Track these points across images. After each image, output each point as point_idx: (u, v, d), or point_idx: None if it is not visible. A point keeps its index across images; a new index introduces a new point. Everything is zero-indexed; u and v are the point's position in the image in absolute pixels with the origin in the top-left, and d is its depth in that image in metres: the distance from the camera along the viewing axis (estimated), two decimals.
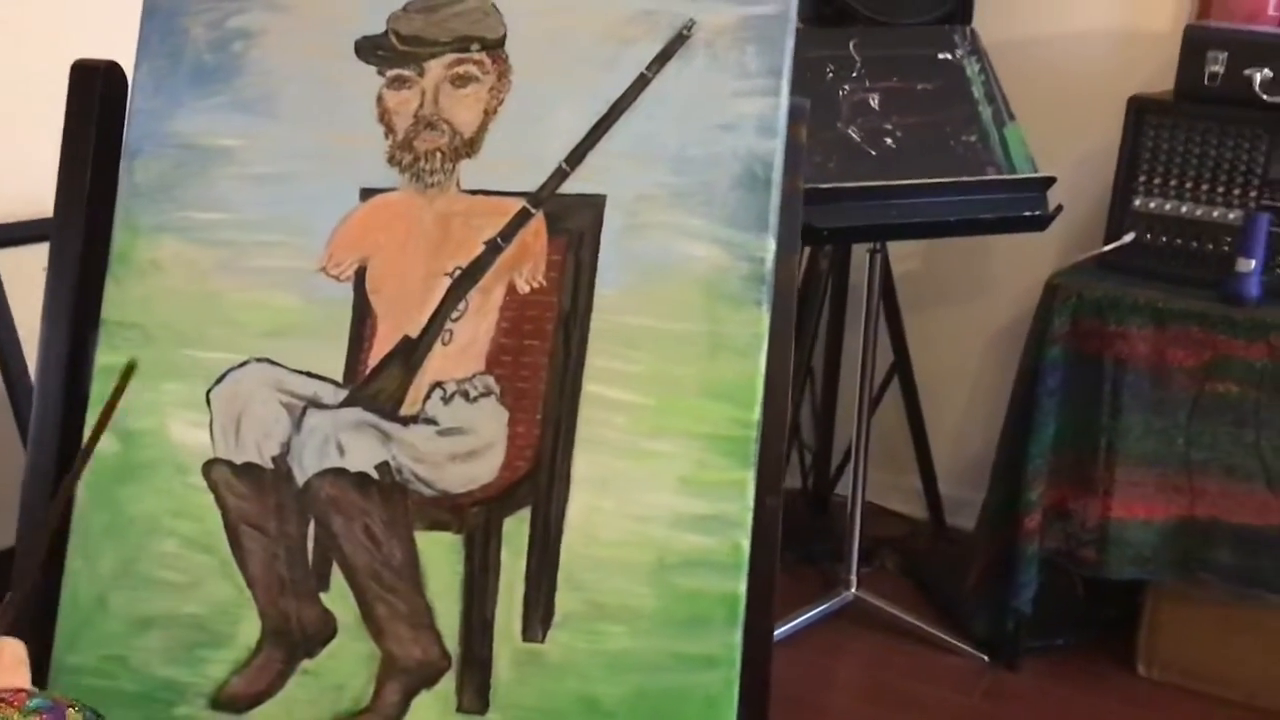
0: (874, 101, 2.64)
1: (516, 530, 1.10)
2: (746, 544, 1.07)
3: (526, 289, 1.12)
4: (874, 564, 2.98)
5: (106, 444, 1.15)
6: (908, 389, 3.07)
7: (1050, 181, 2.53)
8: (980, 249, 3.13)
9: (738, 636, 1.06)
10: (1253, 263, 2.41)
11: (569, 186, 1.13)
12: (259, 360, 1.14)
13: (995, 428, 2.87)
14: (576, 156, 1.12)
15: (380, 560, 1.11)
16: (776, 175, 1.10)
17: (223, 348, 1.15)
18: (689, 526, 1.08)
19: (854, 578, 2.76)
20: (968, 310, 3.18)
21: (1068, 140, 2.82)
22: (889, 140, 2.61)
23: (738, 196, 1.10)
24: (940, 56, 2.69)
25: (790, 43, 1.12)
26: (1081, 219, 2.81)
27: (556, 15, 1.14)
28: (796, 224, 1.12)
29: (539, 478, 1.10)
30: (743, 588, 1.07)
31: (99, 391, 1.15)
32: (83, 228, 1.18)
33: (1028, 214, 2.55)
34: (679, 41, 1.12)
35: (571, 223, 1.12)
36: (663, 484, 1.08)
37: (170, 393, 1.15)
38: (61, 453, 1.18)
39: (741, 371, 1.09)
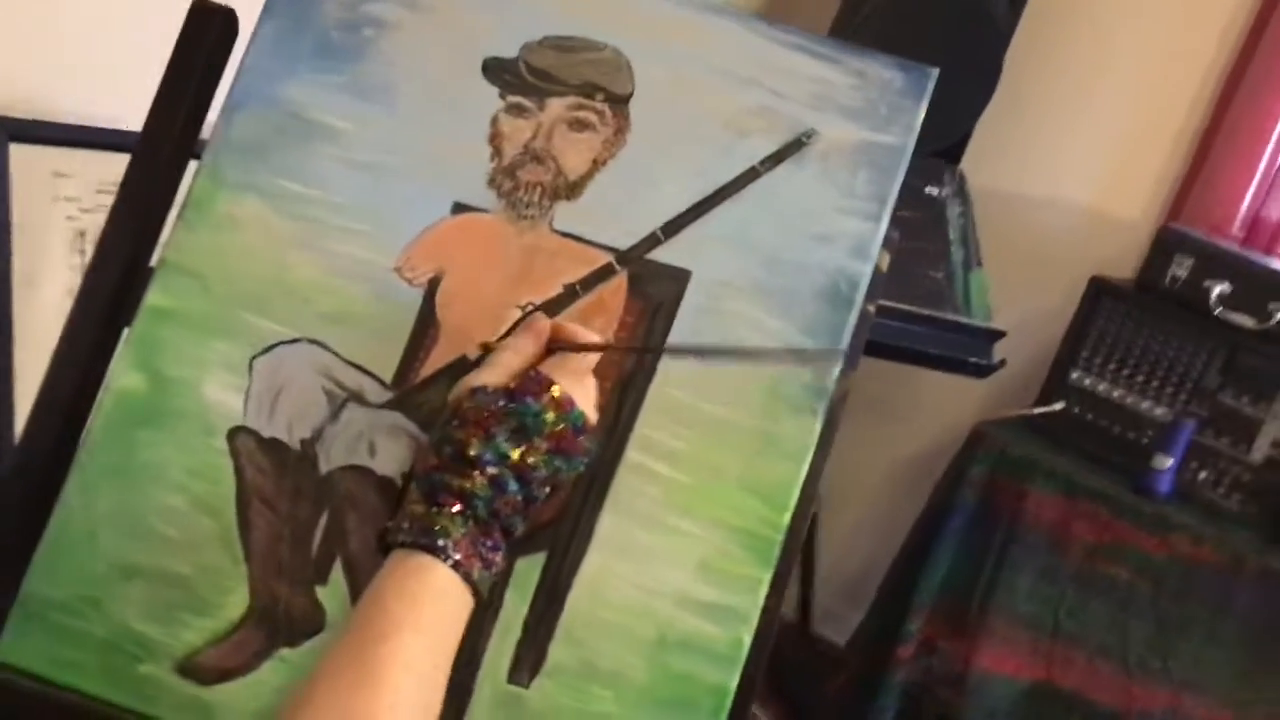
0: None
1: (527, 572, 1.11)
2: (749, 640, 1.09)
3: None
4: None
5: (134, 381, 1.13)
6: None
7: (1000, 335, 2.62)
8: (908, 376, 3.21)
9: None
10: (1170, 461, 2.53)
11: (658, 254, 1.14)
12: (312, 341, 1.14)
13: (879, 549, 2.95)
14: (673, 227, 1.14)
15: None
16: (859, 297, 1.14)
17: (279, 320, 1.14)
18: (696, 611, 1.10)
19: None
20: (882, 433, 3.26)
21: (1019, 293, 2.92)
22: None
23: (817, 308, 1.14)
24: (927, 190, 2.77)
25: (901, 176, 1.16)
26: (1013, 373, 2.90)
27: (685, 88, 1.17)
28: (861, 345, 1.16)
29: (562, 527, 1.11)
30: (734, 682, 1.09)
31: (141, 331, 1.13)
32: (161, 165, 1.17)
33: (973, 360, 2.63)
34: (796, 146, 1.15)
35: (653, 289, 1.14)
36: (681, 563, 1.10)
37: (215, 350, 1.13)
38: (80, 385, 1.15)
39: (783, 474, 1.11)
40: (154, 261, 1.16)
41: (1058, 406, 2.72)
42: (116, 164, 1.75)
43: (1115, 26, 2.97)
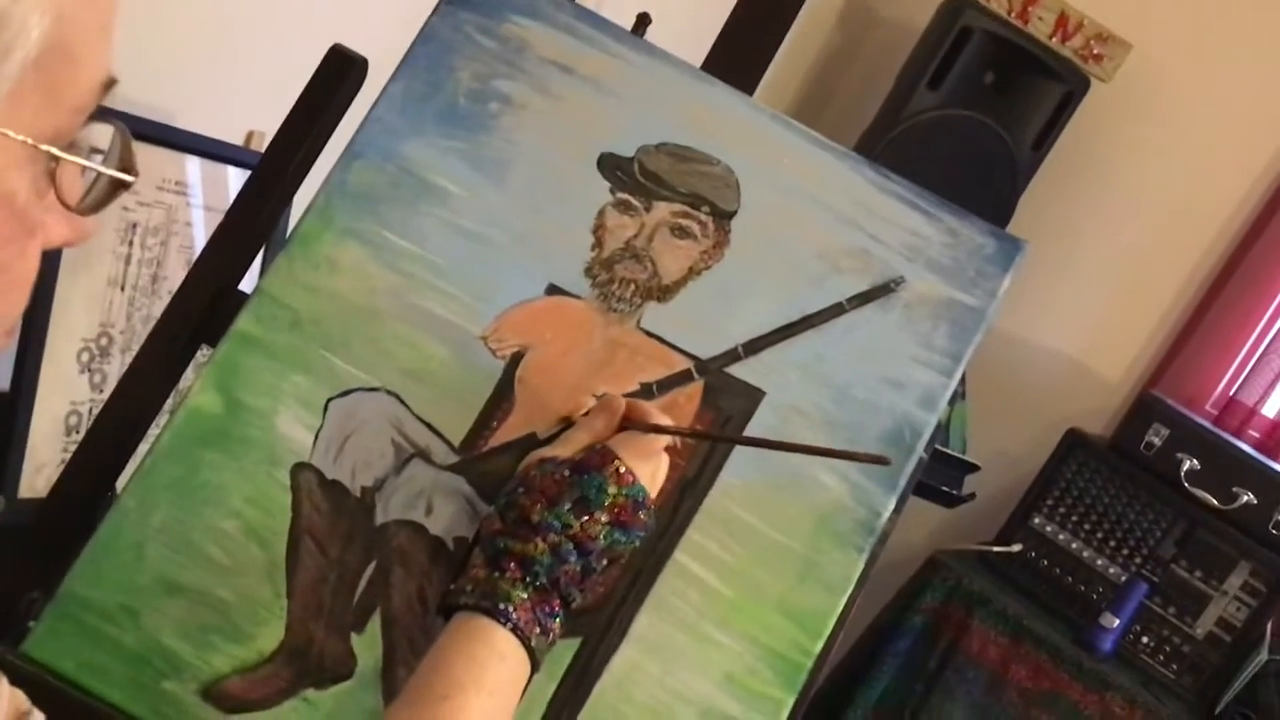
0: None
1: (559, 655, 1.13)
2: None
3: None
4: None
5: (210, 401, 1.15)
6: None
7: (974, 469, 2.67)
8: None
9: None
10: (1117, 621, 2.59)
11: (736, 370, 1.18)
12: (389, 393, 1.16)
13: None
14: (754, 347, 1.18)
15: (421, 627, 1.13)
16: (920, 445, 1.18)
17: (361, 366, 1.16)
18: None
19: None
20: None
21: (996, 431, 2.98)
22: None
23: (879, 449, 1.17)
24: None
25: (979, 337, 1.20)
26: (974, 506, 2.96)
27: (788, 216, 1.21)
28: (910, 490, 1.20)
29: (600, 616, 1.14)
30: None
31: (225, 354, 1.15)
32: (271, 197, 1.19)
33: (944, 489, 2.68)
34: (883, 290, 1.20)
35: (725, 403, 1.18)
36: (709, 672, 1.13)
37: (294, 384, 1.15)
38: (152, 394, 1.16)
39: (822, 604, 1.15)
40: (247, 287, 1.18)
41: (1015, 548, 2.78)
42: (178, 163, 1.77)
43: (1128, 193, 3.06)
